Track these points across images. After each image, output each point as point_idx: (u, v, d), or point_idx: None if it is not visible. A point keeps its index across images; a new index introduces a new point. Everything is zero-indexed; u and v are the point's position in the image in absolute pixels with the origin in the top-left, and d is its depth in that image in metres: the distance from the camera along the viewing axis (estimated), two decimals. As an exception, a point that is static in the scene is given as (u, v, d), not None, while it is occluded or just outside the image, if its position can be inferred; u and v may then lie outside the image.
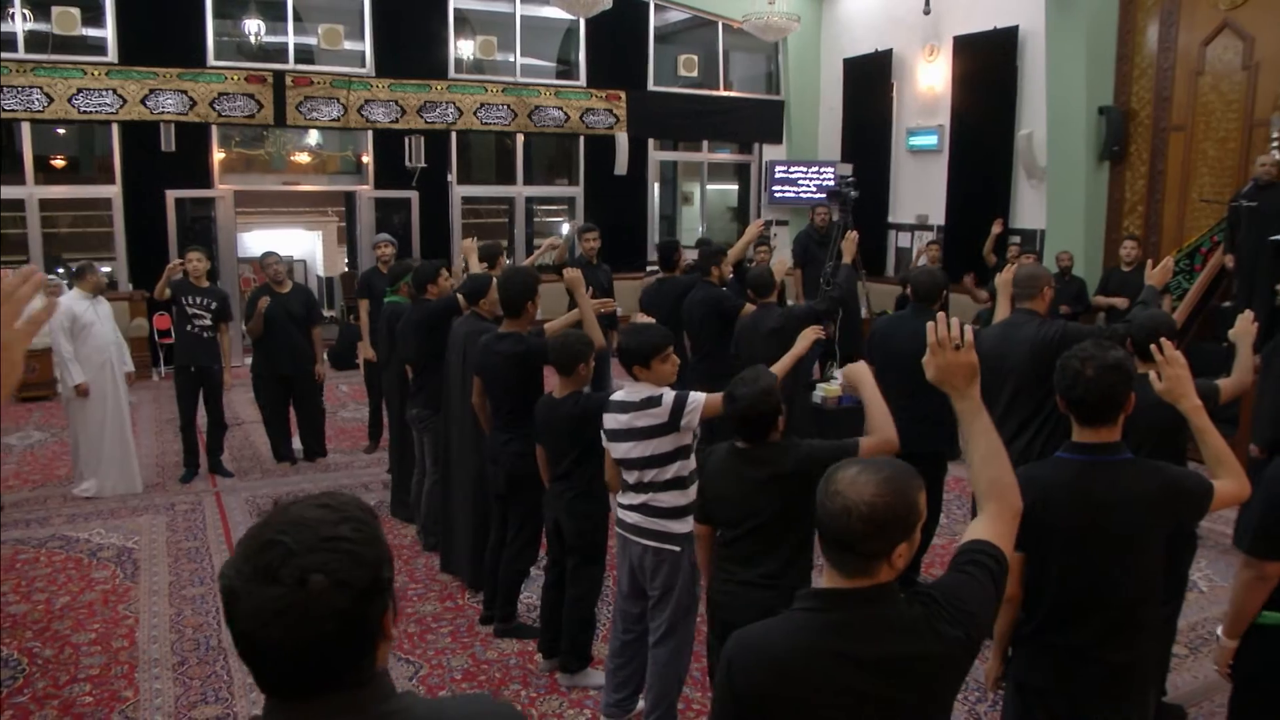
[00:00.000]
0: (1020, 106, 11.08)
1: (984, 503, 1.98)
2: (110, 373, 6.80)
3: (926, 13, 11.86)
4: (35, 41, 10.49)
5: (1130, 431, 3.34)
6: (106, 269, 11.31)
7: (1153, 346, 2.84)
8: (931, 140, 12.25)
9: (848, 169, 12.51)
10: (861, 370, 3.09)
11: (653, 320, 4.37)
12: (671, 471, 3.60)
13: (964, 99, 11.70)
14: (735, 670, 1.80)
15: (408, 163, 12.01)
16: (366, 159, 12.37)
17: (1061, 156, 10.44)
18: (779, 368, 3.66)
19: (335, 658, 1.16)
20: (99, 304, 6.84)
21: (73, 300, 6.77)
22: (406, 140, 11.96)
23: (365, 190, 12.28)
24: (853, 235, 6.23)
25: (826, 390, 8.26)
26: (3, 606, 5.09)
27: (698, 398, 3.53)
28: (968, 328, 2.01)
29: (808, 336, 3.79)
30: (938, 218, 12.22)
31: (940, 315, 2.02)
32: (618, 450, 3.67)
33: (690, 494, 3.65)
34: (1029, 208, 11.13)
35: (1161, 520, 2.60)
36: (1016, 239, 10.45)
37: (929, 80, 12.25)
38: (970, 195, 11.63)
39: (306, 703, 1.17)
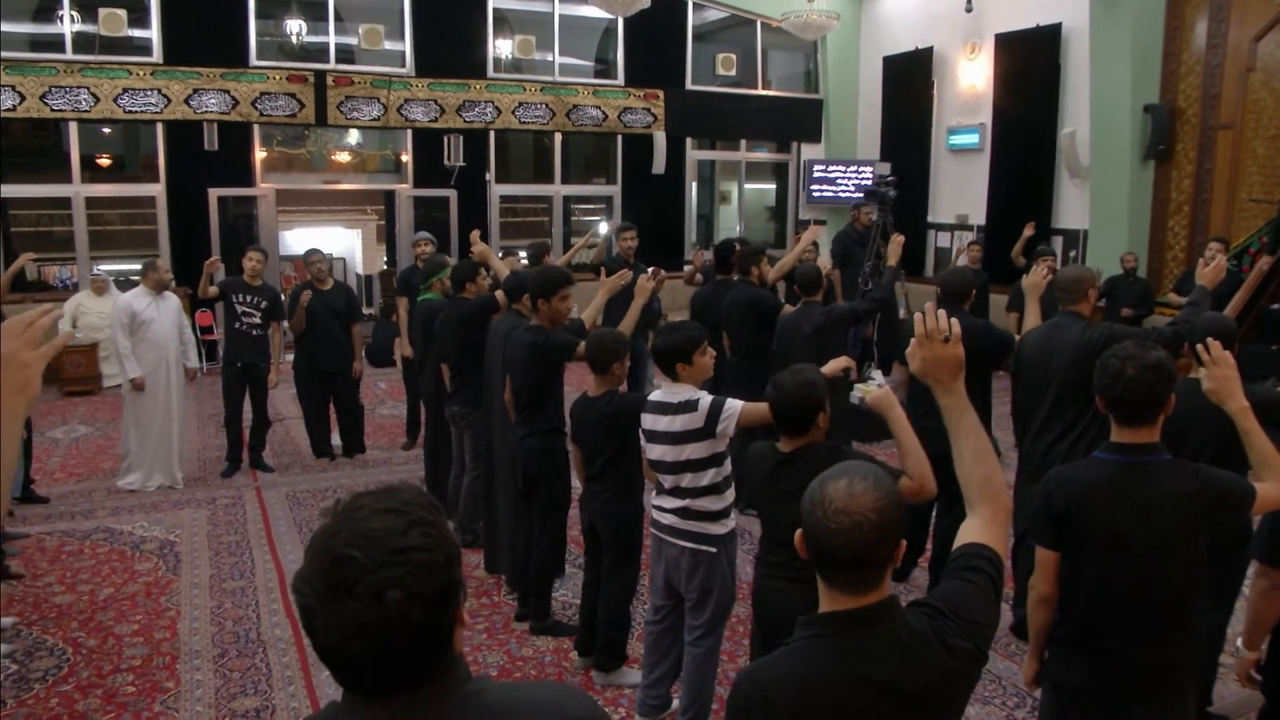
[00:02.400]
0: (1063, 105, 10.94)
1: (976, 504, 1.89)
2: (166, 370, 6.86)
3: (968, 10, 11.74)
4: (82, 42, 10.68)
5: (1188, 438, 3.29)
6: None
7: (1199, 347, 2.80)
8: (972, 139, 12.12)
9: (886, 168, 12.41)
10: (886, 400, 2.76)
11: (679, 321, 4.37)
12: (707, 478, 3.59)
13: (1006, 97, 11.57)
14: (754, 708, 1.71)
15: (446, 162, 12.08)
16: (406, 158, 12.46)
17: (1105, 155, 10.29)
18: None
19: (416, 659, 1.19)
20: (162, 301, 6.88)
21: (133, 297, 6.86)
22: (445, 139, 12.04)
23: (404, 189, 12.37)
24: (899, 239, 6.18)
25: (865, 390, 8.20)
26: (49, 597, 5.18)
27: (734, 405, 3.50)
28: (955, 320, 1.95)
29: (840, 363, 3.77)
30: (978, 217, 12.09)
31: (928, 306, 1.96)
32: (654, 452, 3.67)
33: (727, 498, 3.65)
34: (1072, 208, 10.99)
35: (1200, 522, 2.57)
36: (1043, 247, 10.22)
37: (970, 78, 12.13)
38: (1012, 195, 11.50)
39: (389, 699, 1.20)
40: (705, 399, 3.55)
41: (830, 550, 1.65)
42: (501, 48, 12.75)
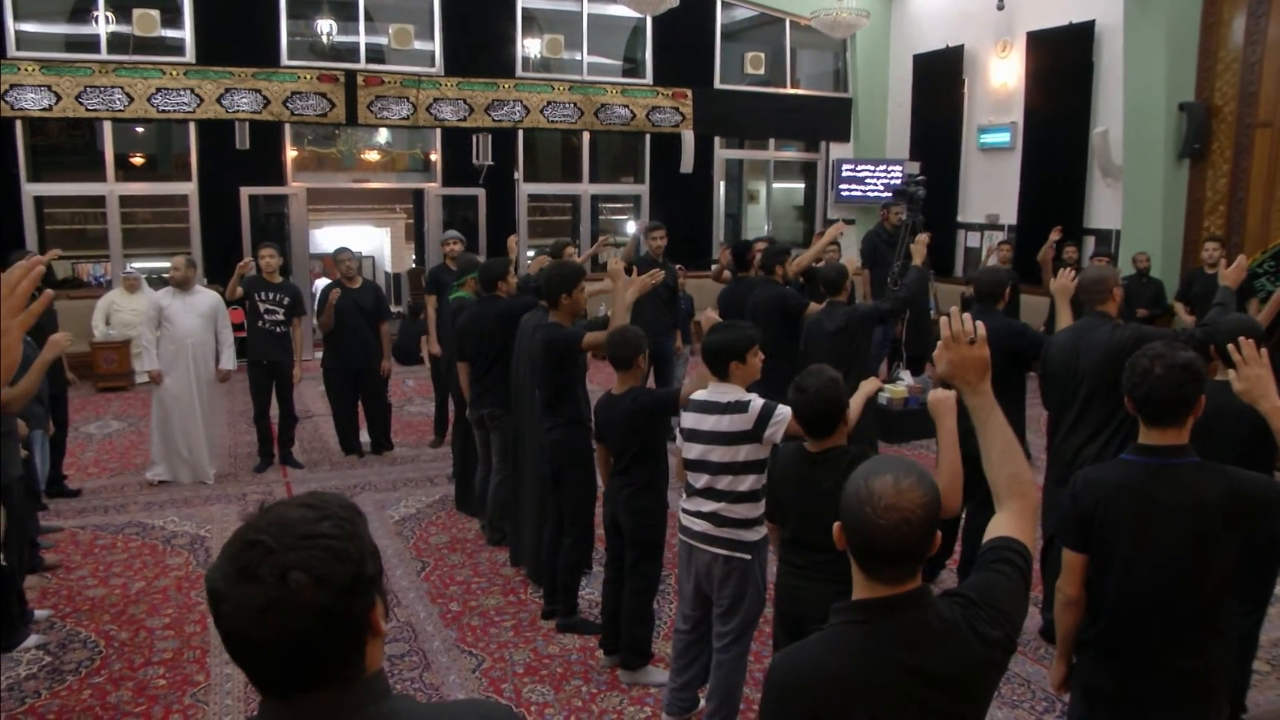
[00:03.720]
0: (1096, 103, 10.82)
1: (1004, 500, 1.93)
2: (186, 367, 6.90)
3: (1000, 8, 11.65)
4: (117, 43, 10.81)
5: (1210, 440, 3.24)
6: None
7: (1230, 346, 2.76)
8: (1003, 138, 12.02)
9: (915, 167, 12.32)
10: (945, 404, 2.61)
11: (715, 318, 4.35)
12: (747, 484, 3.55)
13: (1038, 96, 11.46)
14: (789, 693, 1.74)
15: (475, 160, 12.12)
16: (434, 157, 12.51)
17: (1139, 154, 10.16)
18: (853, 410, 3.50)
19: (322, 655, 1.16)
20: (189, 297, 6.93)
21: (162, 293, 6.99)
22: (474, 138, 12.08)
23: (433, 188, 12.43)
24: (923, 238, 6.14)
25: (892, 392, 8.17)
26: (82, 590, 5.25)
27: (785, 411, 3.45)
28: (980, 323, 1.98)
29: (871, 386, 3.74)
30: (1009, 217, 11.99)
31: (953, 310, 2.00)
32: (692, 451, 3.63)
33: (762, 505, 3.62)
34: (1104, 207, 10.87)
35: (1229, 526, 2.54)
36: (1100, 248, 10.09)
37: (1001, 76, 12.02)
38: (1043, 194, 11.40)
39: (297, 699, 1.17)
40: (756, 402, 3.51)
41: (878, 545, 1.68)
42: (530, 47, 12.78)
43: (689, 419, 3.65)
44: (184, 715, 4.04)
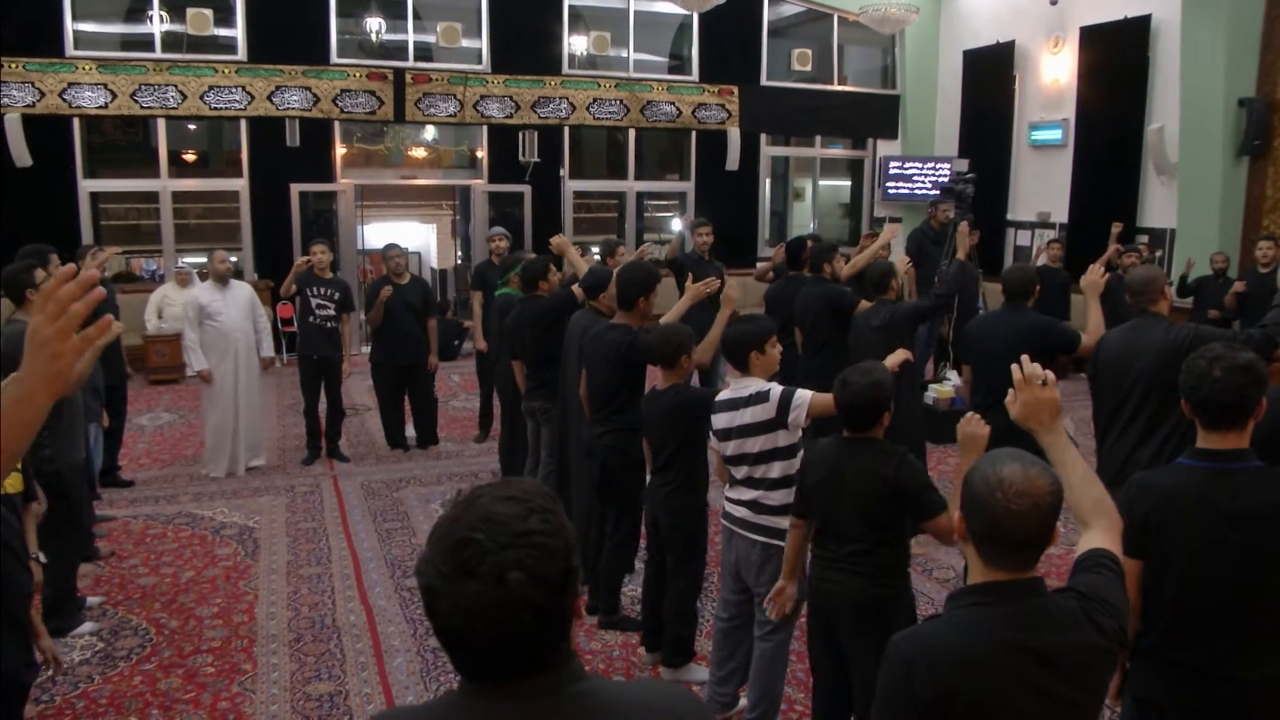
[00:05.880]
0: (1151, 99, 10.62)
1: (1091, 521, 2.03)
2: (234, 360, 6.95)
3: (1053, 3, 11.46)
4: (171, 42, 11.01)
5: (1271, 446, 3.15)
6: (233, 258, 11.79)
7: None
8: (1055, 135, 11.83)
9: (964, 165, 12.15)
10: (974, 442, 2.72)
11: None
12: (777, 470, 3.58)
13: (1091, 92, 11.26)
14: (917, 671, 1.76)
15: (521, 157, 12.18)
16: (481, 154, 12.59)
17: (1195, 152, 9.94)
18: None
19: (535, 645, 1.21)
20: (229, 291, 6.99)
21: (200, 291, 7.04)
22: (520, 135, 12.14)
23: (479, 184, 12.49)
24: (963, 227, 6.04)
25: (939, 391, 8.08)
26: (134, 578, 5.34)
27: (804, 395, 3.53)
28: (1049, 372, 2.09)
29: (899, 357, 3.75)
30: (1060, 215, 11.79)
31: (1024, 358, 2.11)
32: (728, 449, 3.66)
33: (794, 492, 3.61)
34: (1159, 206, 10.65)
35: None
36: (1130, 245, 9.88)
37: (1053, 73, 11.83)
38: (1096, 192, 11.20)
39: (506, 685, 1.22)
40: (775, 389, 3.57)
41: (1007, 530, 1.75)
42: (576, 44, 12.81)
43: (720, 420, 3.69)
44: (231, 703, 4.09)
